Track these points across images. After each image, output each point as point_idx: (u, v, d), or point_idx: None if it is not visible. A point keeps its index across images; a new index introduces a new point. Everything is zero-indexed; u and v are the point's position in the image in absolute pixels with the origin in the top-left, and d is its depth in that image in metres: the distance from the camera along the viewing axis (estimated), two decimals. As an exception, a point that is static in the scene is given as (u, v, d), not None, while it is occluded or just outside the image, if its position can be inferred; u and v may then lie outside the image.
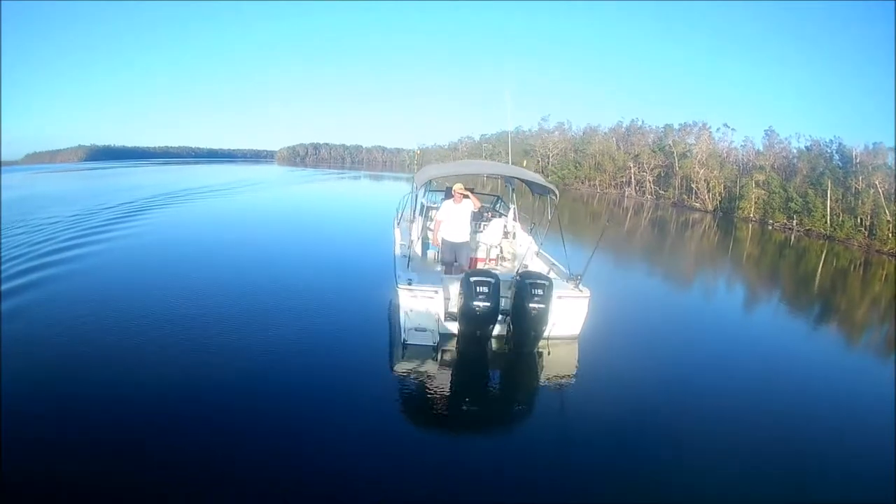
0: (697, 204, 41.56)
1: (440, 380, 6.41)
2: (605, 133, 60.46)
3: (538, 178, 8.70)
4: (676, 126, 49.80)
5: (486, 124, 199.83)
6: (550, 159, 64.06)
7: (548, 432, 5.30)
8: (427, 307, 6.74)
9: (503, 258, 9.56)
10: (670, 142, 47.88)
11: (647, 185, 49.22)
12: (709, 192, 41.00)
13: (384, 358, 6.91)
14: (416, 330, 6.96)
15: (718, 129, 46.77)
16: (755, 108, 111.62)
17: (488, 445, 5.04)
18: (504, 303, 6.61)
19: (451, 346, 6.94)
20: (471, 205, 8.42)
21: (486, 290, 6.36)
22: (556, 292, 6.72)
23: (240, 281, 9.40)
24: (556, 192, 8.43)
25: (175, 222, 18.10)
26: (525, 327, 6.56)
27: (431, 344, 6.88)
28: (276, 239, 14.64)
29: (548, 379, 6.65)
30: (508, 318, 6.69)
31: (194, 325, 6.96)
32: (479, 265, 8.90)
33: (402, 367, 6.56)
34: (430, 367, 6.56)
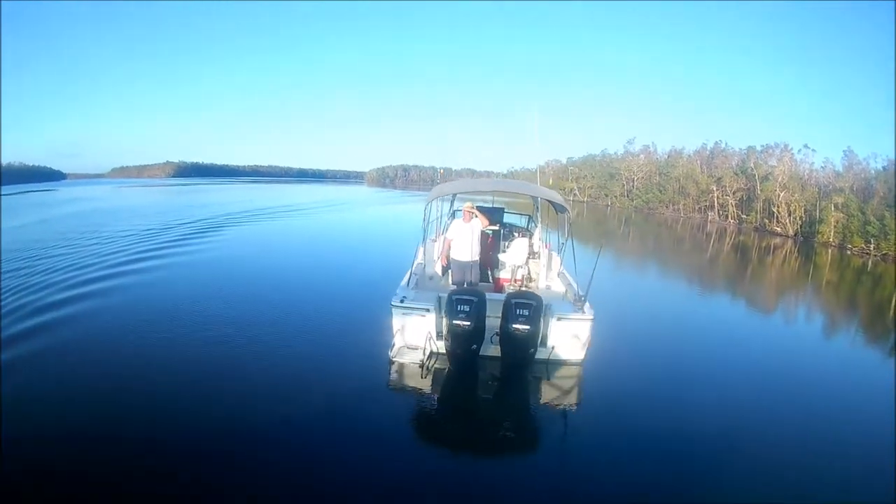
0: (779, 228, 41.48)
1: (422, 400, 6.37)
2: (689, 156, 60.69)
3: (554, 196, 8.84)
4: (759, 147, 49.98)
5: (573, 147, 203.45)
6: (635, 182, 64.39)
7: (533, 457, 5.29)
8: (418, 325, 6.78)
9: (529, 278, 9.37)
10: (751, 164, 47.94)
11: (730, 208, 49.25)
12: (789, 215, 40.83)
13: (373, 375, 6.85)
14: (407, 348, 7.07)
15: (800, 151, 46.26)
16: (834, 126, 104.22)
17: (466, 468, 4.98)
18: (496, 322, 6.61)
19: (440, 365, 6.93)
20: (479, 224, 8.42)
21: (467, 308, 6.38)
22: (556, 314, 6.81)
23: (270, 298, 9.83)
24: (569, 210, 8.73)
25: (246, 240, 19.20)
26: (511, 348, 6.51)
27: (418, 362, 6.91)
28: (323, 260, 15.14)
29: (540, 403, 6.47)
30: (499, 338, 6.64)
31: (235, 342, 7.37)
32: (506, 286, 8.87)
33: (389, 385, 6.62)
34: (416, 385, 6.58)
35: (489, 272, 9.66)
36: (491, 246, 9.81)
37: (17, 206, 34.83)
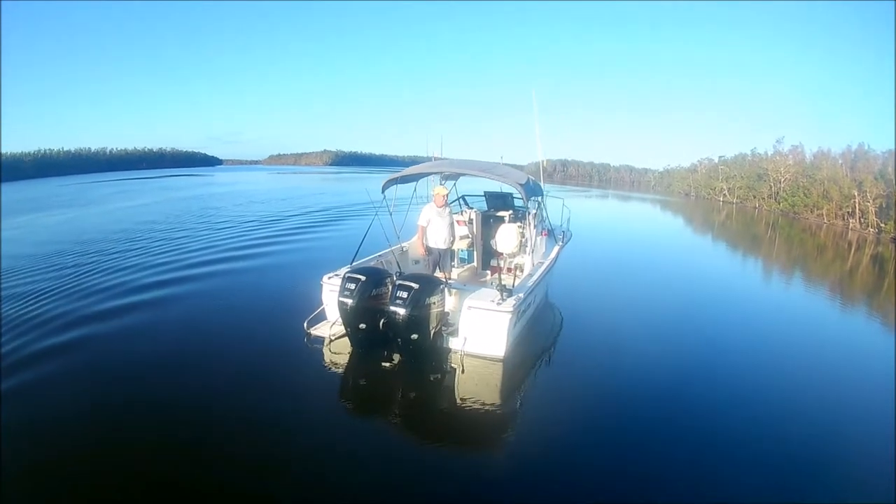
0: (918, 241, 38.01)
1: (314, 375, 6.50)
2: (834, 157, 57.71)
3: (518, 179, 8.06)
4: (903, 150, 44.74)
5: (725, 145, 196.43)
6: (782, 184, 62.54)
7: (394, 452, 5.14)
8: (335, 301, 6.72)
9: (521, 268, 8.85)
10: (890, 168, 45.68)
11: (870, 216, 46.75)
12: (924, 225, 36.87)
13: (289, 345, 7.20)
14: (321, 322, 7.36)
15: (945, 153, 40.14)
16: None
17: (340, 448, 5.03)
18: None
19: (343, 344, 6.99)
20: (447, 210, 8.04)
21: (352, 286, 6.38)
22: (467, 302, 6.61)
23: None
24: (534, 197, 8.78)
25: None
26: (393, 332, 6.32)
27: (325, 336, 7.15)
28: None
29: (430, 395, 6.28)
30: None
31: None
32: (499, 276, 7.90)
33: (297, 356, 6.94)
34: (319, 359, 6.83)
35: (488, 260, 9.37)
36: (485, 233, 9.49)
37: (143, 190, 40.59)
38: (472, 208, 10.15)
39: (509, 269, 8.74)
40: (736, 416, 6.32)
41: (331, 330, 7.32)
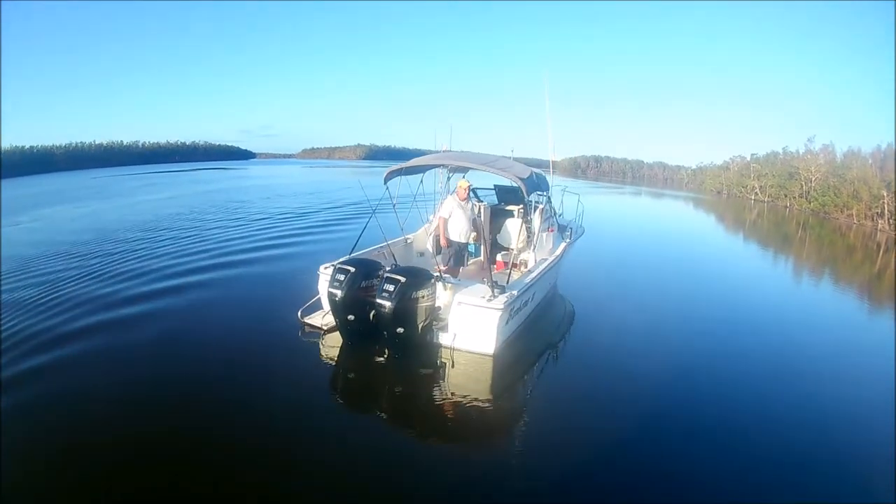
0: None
1: (305, 366, 6.50)
2: (864, 157, 56.26)
3: (518, 173, 7.76)
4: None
5: (757, 143, 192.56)
6: (812, 183, 61.14)
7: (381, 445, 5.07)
8: (325, 291, 6.70)
9: (525, 264, 8.70)
10: None
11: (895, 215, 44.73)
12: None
13: (283, 334, 7.24)
14: (316, 312, 7.38)
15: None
16: None
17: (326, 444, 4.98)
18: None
19: (336, 335, 6.97)
20: (470, 204, 8.02)
21: (341, 277, 6.38)
22: (458, 297, 6.54)
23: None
24: (539, 195, 8.61)
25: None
26: (383, 325, 6.27)
27: (319, 326, 7.19)
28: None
29: (420, 390, 6.15)
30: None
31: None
32: (504, 271, 8.21)
33: (290, 346, 6.96)
34: (311, 350, 6.83)
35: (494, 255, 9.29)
36: (493, 228, 9.45)
37: (172, 183, 40.48)
38: (481, 202, 9.99)
39: (515, 265, 8.60)
40: (748, 416, 6.26)
41: (323, 320, 7.33)
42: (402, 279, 6.20)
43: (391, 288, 6.15)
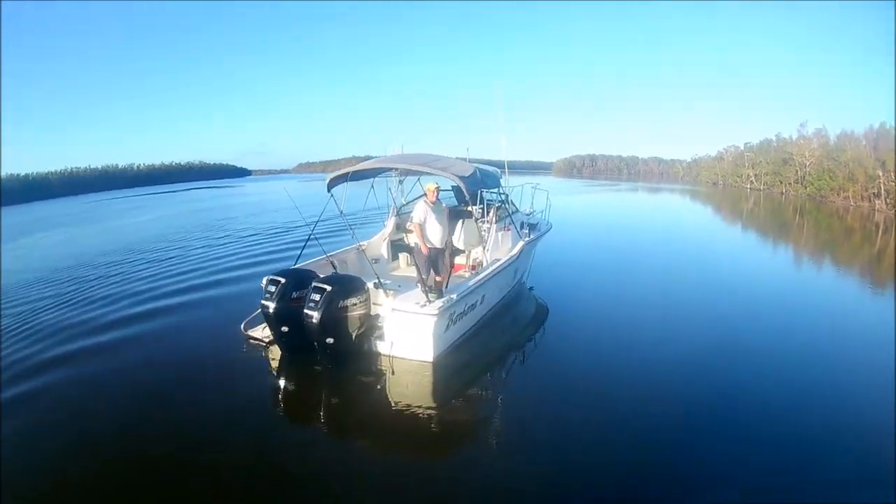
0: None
1: (245, 379, 6.39)
2: (857, 138, 55.72)
3: (460, 171, 7.55)
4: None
5: (750, 132, 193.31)
6: (807, 168, 61.19)
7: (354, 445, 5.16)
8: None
9: (481, 265, 8.41)
10: None
11: (894, 196, 44.53)
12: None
13: (227, 348, 7.17)
14: (259, 324, 7.19)
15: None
16: None
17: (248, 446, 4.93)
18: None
19: (276, 348, 6.88)
20: (441, 204, 7.76)
21: (272, 288, 6.28)
22: (393, 304, 6.42)
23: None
24: (466, 194, 7.94)
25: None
26: (311, 336, 6.14)
27: (261, 339, 7.11)
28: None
29: (371, 403, 6.01)
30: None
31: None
32: (461, 273, 8.22)
33: (235, 356, 6.91)
34: (251, 363, 6.78)
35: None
36: (451, 230, 9.08)
37: (161, 204, 40.99)
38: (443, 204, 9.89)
39: (473, 267, 8.49)
40: (748, 415, 5.97)
41: (263, 332, 7.20)
42: (329, 288, 6.05)
43: (317, 297, 6.02)
